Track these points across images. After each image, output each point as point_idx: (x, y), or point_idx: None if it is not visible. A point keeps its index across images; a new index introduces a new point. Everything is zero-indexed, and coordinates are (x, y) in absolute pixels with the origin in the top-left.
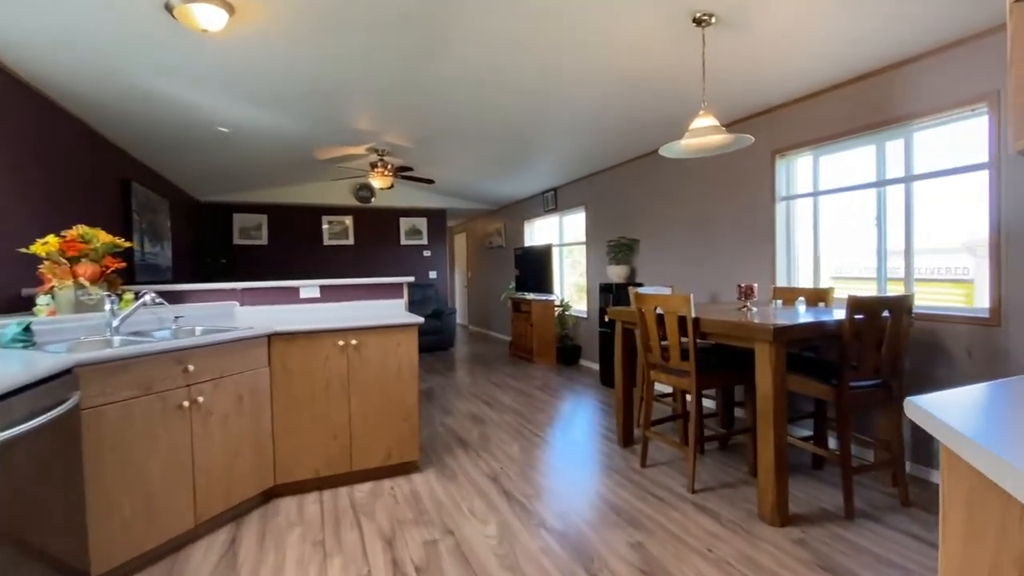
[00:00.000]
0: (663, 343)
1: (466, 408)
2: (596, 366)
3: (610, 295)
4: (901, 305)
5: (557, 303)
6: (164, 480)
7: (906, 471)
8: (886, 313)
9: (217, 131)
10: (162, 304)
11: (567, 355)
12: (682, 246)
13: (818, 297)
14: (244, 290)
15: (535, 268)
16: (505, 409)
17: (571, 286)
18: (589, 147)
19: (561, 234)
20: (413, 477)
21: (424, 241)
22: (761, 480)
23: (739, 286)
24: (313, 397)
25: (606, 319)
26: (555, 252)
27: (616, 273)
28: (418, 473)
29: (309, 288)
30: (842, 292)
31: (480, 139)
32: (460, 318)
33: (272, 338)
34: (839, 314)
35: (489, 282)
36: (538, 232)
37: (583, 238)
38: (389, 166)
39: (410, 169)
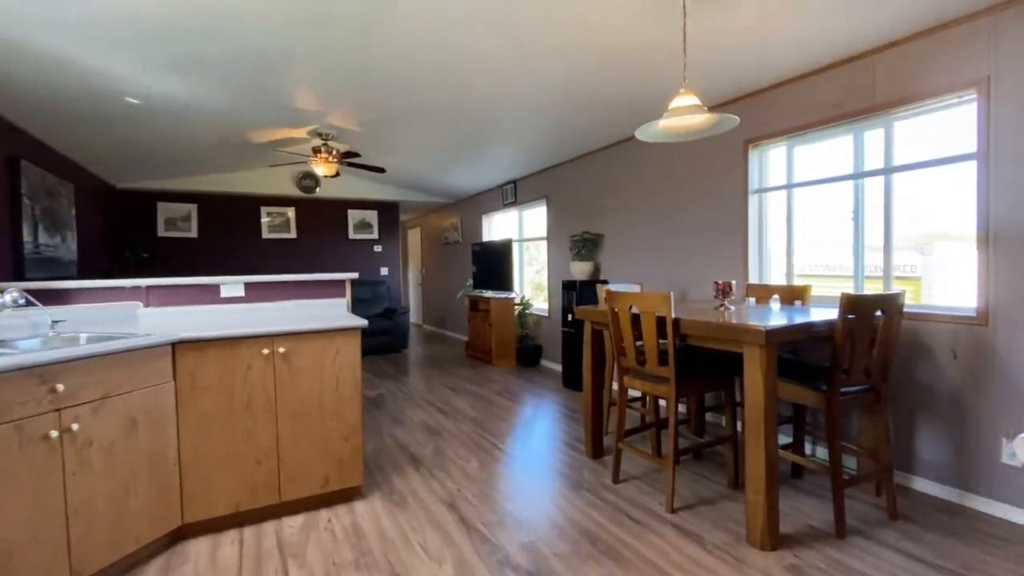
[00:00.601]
0: (638, 344)
1: (419, 417)
2: (559, 367)
3: (573, 293)
4: (893, 304)
5: (517, 301)
6: (26, 533)
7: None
8: (879, 312)
9: (126, 102)
10: (34, 305)
11: (528, 356)
12: (649, 242)
13: (793, 295)
14: (151, 288)
15: (494, 264)
16: (462, 417)
17: (532, 283)
18: (552, 135)
19: (521, 229)
20: (355, 505)
21: (375, 235)
22: (750, 500)
23: (716, 283)
24: (232, 416)
25: (570, 318)
26: (515, 248)
27: (580, 270)
28: (362, 500)
29: (232, 286)
30: (816, 291)
31: (434, 125)
32: (414, 317)
33: (178, 347)
34: (819, 313)
35: (445, 279)
36: (497, 227)
37: (544, 233)
38: (334, 152)
39: (357, 155)
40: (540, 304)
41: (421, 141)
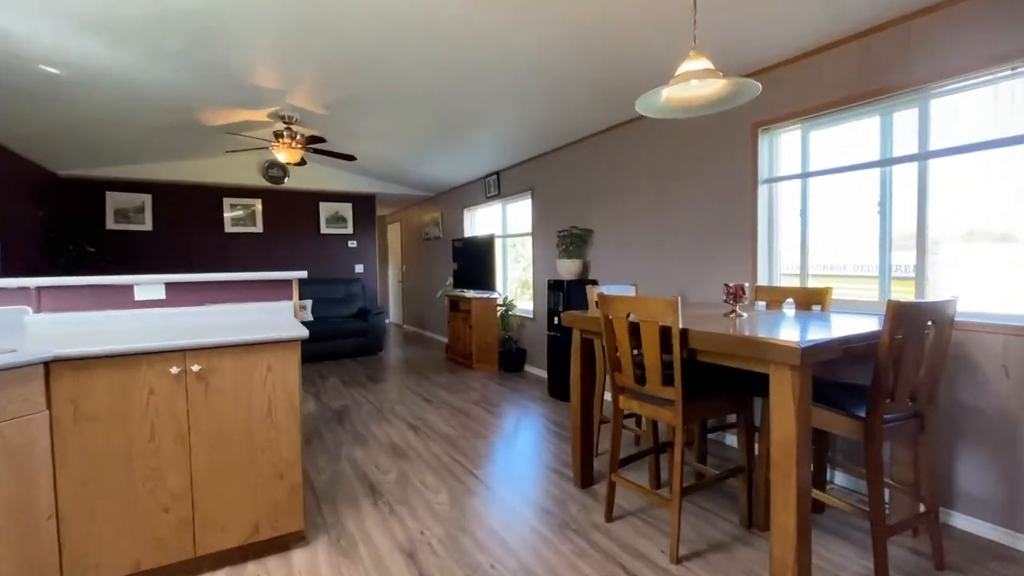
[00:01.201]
0: (635, 355)
1: (385, 434)
2: (543, 374)
3: (560, 293)
4: (945, 314)
5: (500, 302)
6: None
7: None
8: (929, 324)
9: (42, 72)
10: None
11: (511, 360)
12: (644, 238)
13: (811, 299)
14: (43, 289)
15: (475, 262)
16: (434, 434)
17: (516, 282)
18: (539, 121)
19: (505, 224)
20: (293, 556)
21: (349, 230)
22: (776, 557)
23: (727, 286)
24: (130, 453)
25: (556, 321)
26: (498, 244)
27: (567, 268)
28: (302, 548)
29: (148, 287)
30: (836, 293)
31: (408, 107)
32: (394, 317)
33: (53, 366)
34: (851, 323)
35: (425, 277)
36: (480, 222)
37: (529, 228)
38: (298, 136)
39: (322, 140)
40: (525, 305)
41: (395, 126)
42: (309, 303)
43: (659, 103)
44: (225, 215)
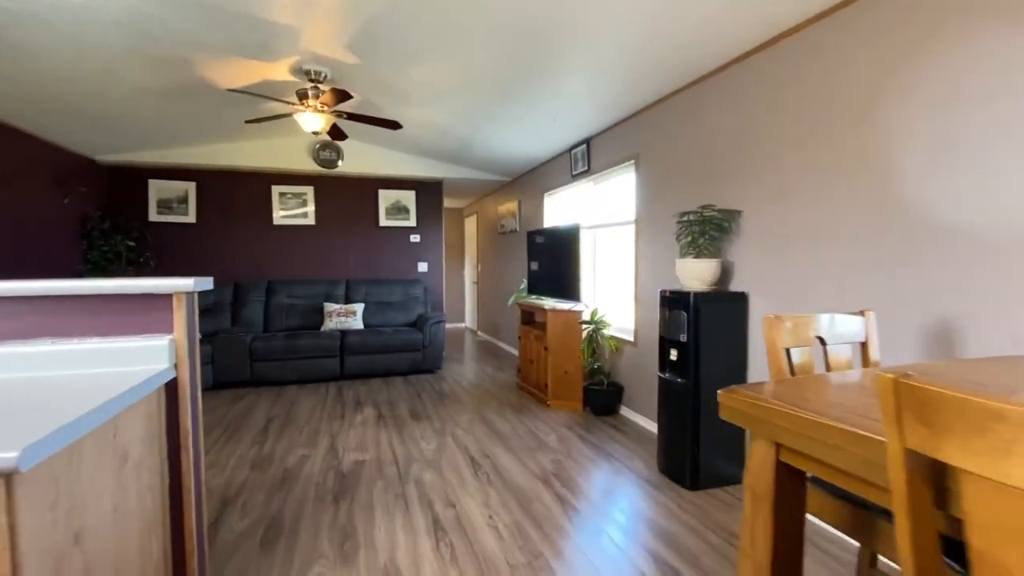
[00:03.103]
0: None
1: (388, 543)
2: (649, 425)
3: (683, 312)
4: None
5: (585, 317)
6: None
7: None
8: None
9: None
10: None
11: (600, 400)
12: (843, 224)
13: None
14: None
15: (555, 261)
16: (466, 555)
17: (610, 289)
18: (647, 51)
19: (596, 210)
20: None
21: (411, 222)
22: None
23: None
24: None
25: (674, 356)
26: (586, 238)
27: (695, 273)
28: None
29: None
30: None
31: (467, 50)
32: (469, 322)
33: None
34: None
35: (499, 279)
36: (563, 208)
37: (631, 215)
38: (324, 92)
39: (348, 97)
40: (623, 322)
41: (451, 79)
42: (360, 308)
43: None
44: (274, 205)
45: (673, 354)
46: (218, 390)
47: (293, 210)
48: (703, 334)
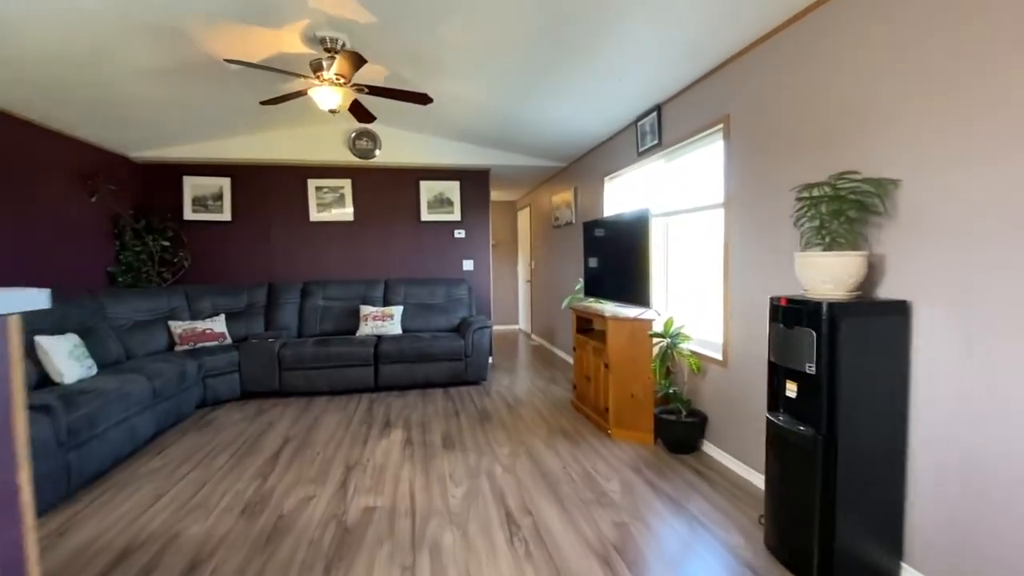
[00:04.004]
0: None
1: None
2: (743, 471)
3: (808, 330)
4: None
5: (658, 329)
6: None
7: None
8: None
9: None
10: None
11: (676, 433)
12: None
13: None
14: None
15: (617, 256)
16: None
17: (688, 292)
18: None
19: (668, 193)
20: None
21: (456, 215)
22: None
23: None
24: None
25: (791, 390)
26: (657, 227)
27: (824, 273)
28: None
29: None
30: None
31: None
32: (522, 323)
33: None
34: None
35: (553, 277)
36: (626, 194)
37: (719, 195)
38: (338, 61)
39: (363, 61)
40: (707, 334)
41: (485, 36)
42: (398, 311)
43: None
44: (310, 200)
45: (791, 389)
46: (245, 400)
47: (330, 205)
48: (843, 363)
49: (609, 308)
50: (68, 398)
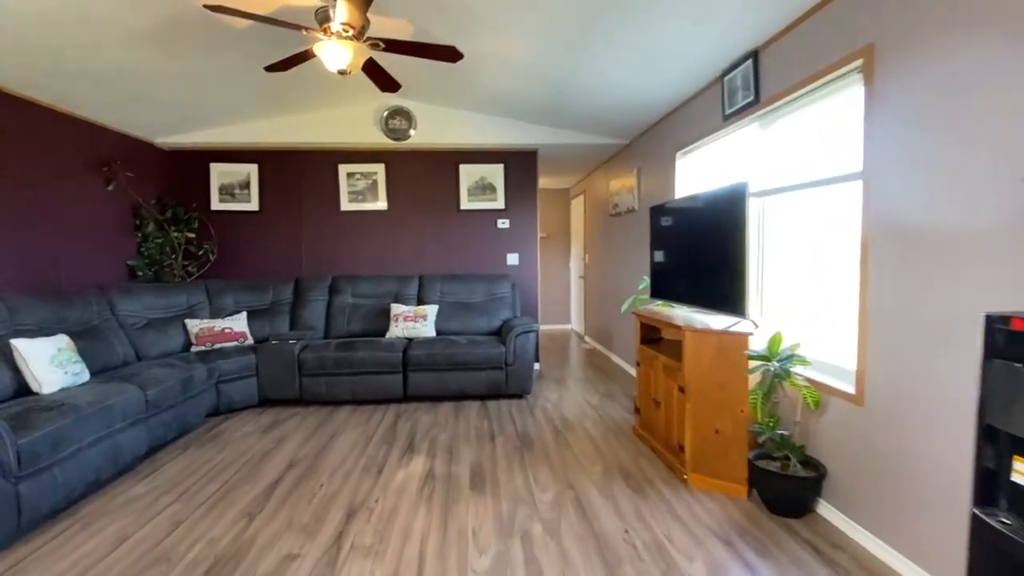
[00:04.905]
0: None
1: None
2: (892, 557)
3: None
4: None
5: (760, 349)
6: None
7: None
8: None
9: None
10: None
11: (783, 490)
12: None
13: None
14: None
15: (697, 248)
16: None
17: (792, 296)
18: None
19: (765, 168)
20: None
21: (499, 203)
22: None
23: None
24: None
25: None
26: (755, 209)
27: None
28: None
29: None
30: None
31: None
32: (575, 323)
33: None
34: None
35: (612, 273)
36: (705, 171)
37: (850, 166)
38: (343, 5)
39: (368, 2)
40: (825, 355)
41: None
42: (432, 311)
43: None
44: (341, 187)
45: (1022, 471)
46: (262, 408)
47: (362, 193)
48: None
49: (683, 314)
50: (26, 416)
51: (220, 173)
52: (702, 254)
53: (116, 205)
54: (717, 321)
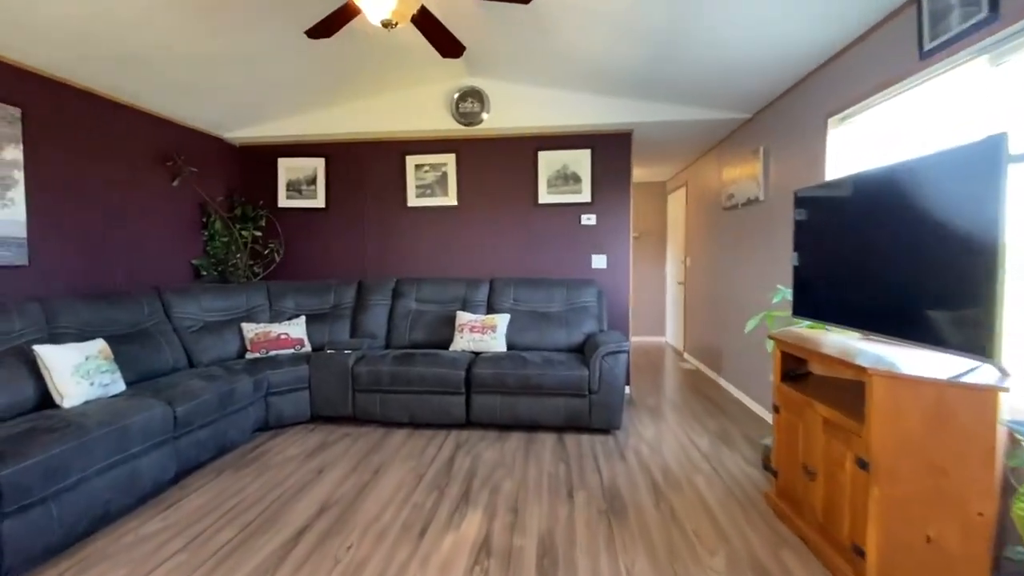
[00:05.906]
0: None
1: None
2: None
3: None
4: None
5: (1011, 412)
6: None
7: None
8: None
9: None
10: None
11: None
12: None
13: None
14: None
15: (895, 246)
16: None
17: None
18: None
19: (1006, 120)
20: None
21: (584, 196)
22: None
23: None
24: None
25: None
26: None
27: None
28: None
29: None
30: None
31: None
32: (671, 337)
33: None
34: None
35: (723, 279)
36: (874, 141)
37: None
38: None
39: None
40: None
41: None
42: (502, 321)
43: None
44: (408, 182)
45: None
46: (315, 424)
47: (430, 187)
48: None
49: (856, 345)
50: (23, 438)
51: (288, 168)
52: (899, 255)
53: (182, 202)
54: (921, 360)
